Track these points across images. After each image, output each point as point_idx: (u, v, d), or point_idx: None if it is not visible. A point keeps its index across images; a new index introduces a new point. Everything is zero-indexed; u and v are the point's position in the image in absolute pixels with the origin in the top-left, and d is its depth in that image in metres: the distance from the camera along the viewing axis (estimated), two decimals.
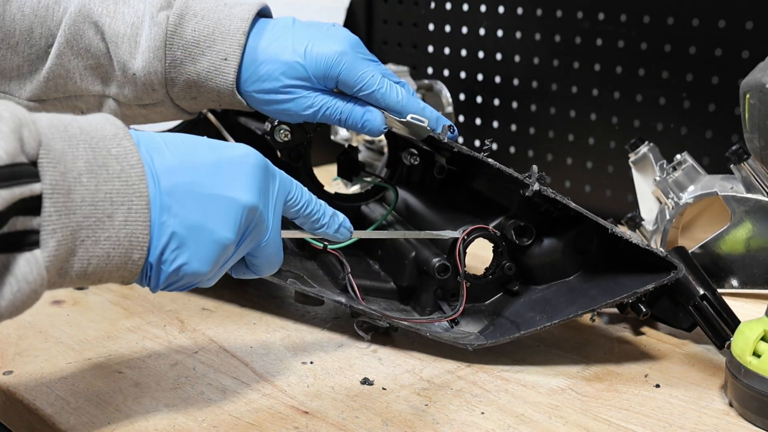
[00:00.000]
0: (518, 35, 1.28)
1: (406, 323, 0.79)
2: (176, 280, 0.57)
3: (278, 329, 0.84)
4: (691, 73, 1.11)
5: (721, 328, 0.78)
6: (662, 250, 0.75)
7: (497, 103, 1.33)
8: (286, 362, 0.77)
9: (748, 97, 0.83)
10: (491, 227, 0.82)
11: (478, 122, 1.37)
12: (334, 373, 0.75)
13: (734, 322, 0.78)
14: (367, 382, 0.74)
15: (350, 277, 0.81)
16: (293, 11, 0.84)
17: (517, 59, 1.29)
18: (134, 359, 0.77)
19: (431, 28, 1.40)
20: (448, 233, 0.81)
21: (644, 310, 0.82)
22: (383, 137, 0.94)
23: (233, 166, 0.58)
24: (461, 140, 1.05)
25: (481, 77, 1.34)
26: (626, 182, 1.11)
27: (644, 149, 1.01)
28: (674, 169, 0.96)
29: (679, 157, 0.96)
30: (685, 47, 1.10)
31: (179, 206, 0.55)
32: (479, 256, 0.87)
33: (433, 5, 1.38)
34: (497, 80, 1.32)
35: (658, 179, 0.97)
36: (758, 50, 1.03)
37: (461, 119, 1.37)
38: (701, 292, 0.79)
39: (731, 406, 0.71)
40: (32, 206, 0.48)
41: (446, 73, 1.39)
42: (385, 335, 0.82)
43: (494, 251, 0.83)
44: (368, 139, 1.24)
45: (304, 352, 0.79)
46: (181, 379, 0.74)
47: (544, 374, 0.76)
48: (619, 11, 1.16)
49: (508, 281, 0.84)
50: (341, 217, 0.70)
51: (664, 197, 0.97)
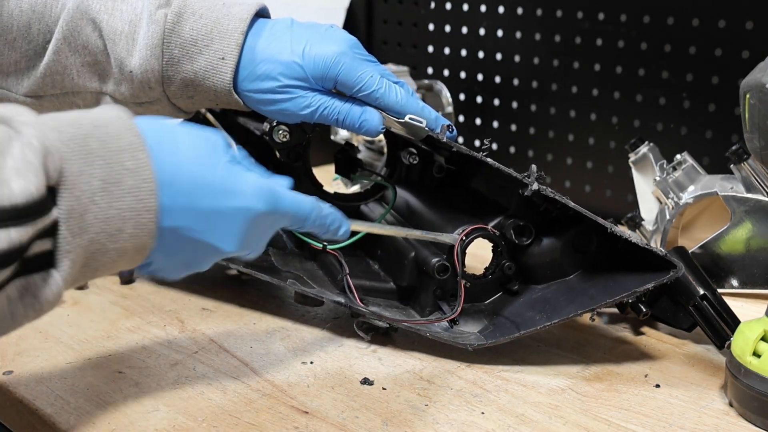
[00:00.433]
0: (518, 35, 1.28)
1: (405, 324, 0.79)
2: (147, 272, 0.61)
3: (278, 329, 0.84)
4: (691, 73, 1.11)
5: (721, 328, 0.78)
6: (662, 249, 0.74)
7: (497, 103, 1.33)
8: (286, 362, 0.77)
9: (748, 97, 0.83)
10: (490, 227, 0.82)
11: (478, 122, 1.37)
12: (334, 373, 0.75)
13: (734, 322, 0.78)
14: (367, 382, 0.74)
15: (348, 278, 0.81)
16: (291, 11, 0.84)
17: (517, 59, 1.29)
18: (134, 359, 0.77)
19: (431, 28, 1.40)
20: (445, 236, 0.81)
21: (644, 310, 0.82)
22: (382, 137, 0.94)
23: (230, 219, 0.59)
24: (461, 140, 1.05)
25: (481, 77, 1.34)
26: (626, 182, 1.11)
27: (644, 149, 1.01)
28: (674, 169, 0.96)
29: (679, 157, 0.96)
30: (685, 47, 1.10)
31: (170, 245, 0.57)
32: (479, 255, 0.87)
33: (433, 5, 1.38)
34: (497, 80, 1.32)
35: (658, 179, 0.97)
36: (758, 50, 1.03)
37: (461, 119, 1.37)
38: (701, 292, 0.78)
39: (731, 406, 0.70)
40: (48, 230, 0.49)
41: (446, 73, 1.39)
42: (385, 335, 0.82)
43: (493, 251, 0.83)
44: (368, 138, 1.24)
45: (304, 352, 0.79)
46: (181, 379, 0.74)
47: (544, 374, 0.76)
48: (619, 11, 1.16)
49: (507, 281, 0.84)
50: (339, 218, 0.70)
51: (664, 197, 0.97)
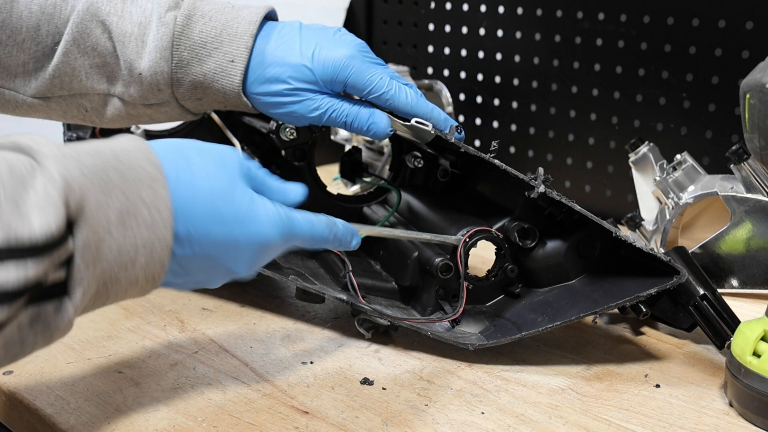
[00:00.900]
0: (518, 35, 1.28)
1: (407, 322, 0.79)
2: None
3: (278, 329, 0.84)
4: (691, 73, 1.11)
5: (721, 328, 0.78)
6: (666, 255, 0.74)
7: (497, 103, 1.33)
8: (286, 362, 0.77)
9: (748, 97, 0.83)
10: (494, 229, 0.82)
11: (478, 122, 1.37)
12: (334, 373, 0.75)
13: (734, 322, 0.78)
14: (367, 382, 0.74)
15: (351, 275, 0.81)
16: (292, 11, 0.84)
17: (517, 59, 1.29)
18: (134, 359, 0.77)
19: (431, 28, 1.40)
20: (449, 238, 0.81)
21: (644, 310, 0.82)
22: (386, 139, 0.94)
23: (244, 248, 0.60)
24: None
25: (481, 77, 1.34)
26: (626, 182, 1.11)
27: (644, 149, 1.01)
28: (674, 169, 0.96)
29: (679, 157, 0.96)
30: (685, 47, 1.10)
31: (183, 269, 0.58)
32: (482, 257, 0.87)
33: (433, 5, 1.38)
34: (497, 80, 1.32)
35: (658, 179, 0.97)
36: (758, 50, 1.03)
37: (461, 119, 1.37)
38: (701, 292, 0.78)
39: (731, 406, 0.71)
40: (63, 260, 0.49)
41: (446, 73, 1.39)
42: (385, 335, 0.82)
43: (497, 253, 0.83)
44: (368, 138, 1.24)
45: (304, 352, 0.79)
46: (181, 379, 0.74)
47: (544, 374, 0.76)
48: (619, 11, 1.16)
49: (510, 284, 0.84)
50: (351, 232, 0.70)
51: (664, 197, 0.97)
